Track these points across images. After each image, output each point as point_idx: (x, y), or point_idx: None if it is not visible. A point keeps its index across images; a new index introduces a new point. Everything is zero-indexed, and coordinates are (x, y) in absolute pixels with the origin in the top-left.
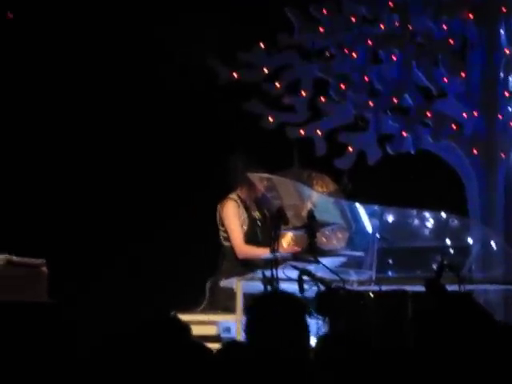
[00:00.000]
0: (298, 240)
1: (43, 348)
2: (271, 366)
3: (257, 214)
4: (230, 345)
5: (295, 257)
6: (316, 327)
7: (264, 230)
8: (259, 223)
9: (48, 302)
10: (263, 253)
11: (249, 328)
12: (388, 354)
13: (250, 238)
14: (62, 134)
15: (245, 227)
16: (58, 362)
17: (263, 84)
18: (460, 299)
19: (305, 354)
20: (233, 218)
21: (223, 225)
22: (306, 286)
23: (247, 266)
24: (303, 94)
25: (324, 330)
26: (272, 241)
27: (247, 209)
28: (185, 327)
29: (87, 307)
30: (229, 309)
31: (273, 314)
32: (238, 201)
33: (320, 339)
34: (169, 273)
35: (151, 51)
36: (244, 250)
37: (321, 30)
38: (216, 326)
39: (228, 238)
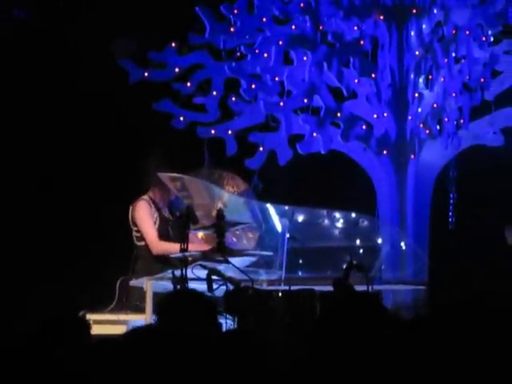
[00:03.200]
0: (207, 239)
1: None
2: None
3: (168, 215)
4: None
5: (205, 256)
6: (225, 326)
7: (175, 230)
8: (170, 223)
9: None
10: (178, 248)
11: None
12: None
13: (162, 237)
14: None
15: (156, 226)
16: None
17: (174, 83)
18: (365, 299)
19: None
20: (146, 216)
21: (136, 224)
22: (214, 286)
23: (162, 265)
24: (214, 93)
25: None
26: (181, 240)
27: (159, 209)
28: (85, 325)
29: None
30: (139, 308)
31: (182, 312)
32: (150, 201)
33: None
34: (80, 272)
35: (62, 50)
36: (159, 245)
37: (232, 29)
38: (126, 325)
39: (141, 238)
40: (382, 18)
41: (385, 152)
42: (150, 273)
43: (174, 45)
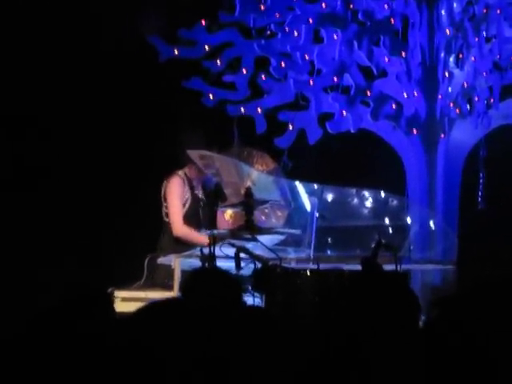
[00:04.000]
0: (236, 217)
1: None
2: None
3: (201, 194)
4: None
5: (233, 234)
6: (253, 304)
7: (206, 210)
8: (202, 203)
9: None
10: (199, 239)
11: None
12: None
13: (191, 217)
14: None
15: (187, 206)
16: None
17: (204, 61)
18: (392, 280)
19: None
20: (175, 195)
21: (166, 200)
22: (242, 264)
23: (185, 244)
24: (244, 71)
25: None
26: (209, 218)
27: (192, 188)
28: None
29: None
30: (167, 286)
31: (207, 290)
32: (184, 178)
33: None
34: (108, 248)
35: (91, 27)
36: (181, 230)
37: (262, 7)
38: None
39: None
40: None
41: (414, 131)
42: (176, 249)
43: (203, 22)
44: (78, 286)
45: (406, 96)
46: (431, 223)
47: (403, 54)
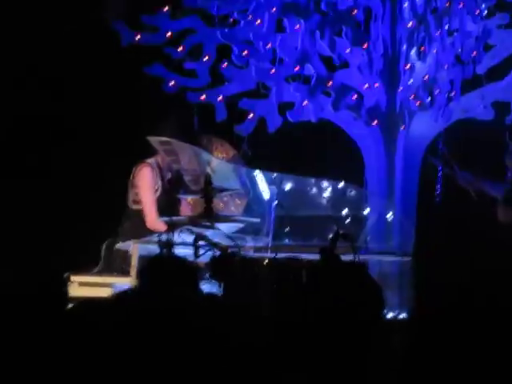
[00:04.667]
0: (195, 205)
1: None
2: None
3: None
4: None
5: (192, 221)
6: (210, 292)
7: (173, 198)
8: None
9: None
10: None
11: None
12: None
13: (162, 206)
14: None
15: (157, 195)
16: None
17: (166, 48)
18: (351, 269)
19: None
20: (147, 187)
21: (136, 187)
22: (201, 251)
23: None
24: (206, 58)
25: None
26: (169, 204)
27: (163, 178)
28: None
29: None
30: (124, 271)
31: (164, 277)
32: (155, 167)
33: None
34: (66, 233)
35: (53, 9)
36: (156, 224)
37: None
38: (111, 288)
39: (139, 202)
40: None
41: (375, 122)
42: (137, 236)
43: (166, 9)
44: (31, 271)
45: (367, 87)
46: (389, 214)
47: (365, 45)
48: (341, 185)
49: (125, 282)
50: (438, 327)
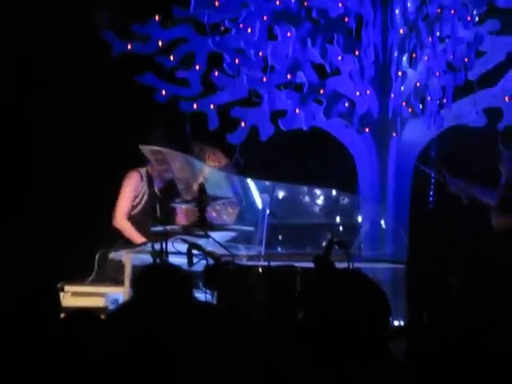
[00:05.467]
0: (188, 213)
1: None
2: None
3: (159, 190)
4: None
5: (185, 230)
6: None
7: (162, 205)
8: (159, 198)
9: None
10: (134, 237)
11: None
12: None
13: (148, 213)
14: None
15: (143, 201)
16: None
17: (157, 57)
18: (348, 276)
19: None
20: (128, 188)
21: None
22: (194, 260)
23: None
24: (197, 67)
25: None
26: (163, 213)
27: (150, 184)
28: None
29: None
30: (118, 281)
31: (158, 286)
32: (144, 174)
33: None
34: (60, 243)
35: (45, 17)
36: (121, 223)
37: (216, 3)
38: (104, 297)
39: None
40: None
41: (367, 130)
42: (130, 245)
43: (157, 18)
44: (24, 281)
45: (358, 94)
46: (382, 222)
47: (356, 52)
48: (334, 192)
49: (118, 292)
50: (431, 334)
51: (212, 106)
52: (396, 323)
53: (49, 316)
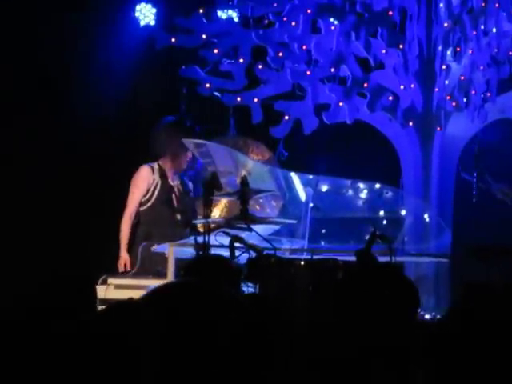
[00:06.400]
0: (231, 206)
1: None
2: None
3: (176, 184)
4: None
5: (228, 223)
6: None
7: (182, 200)
8: (177, 192)
9: None
10: (122, 242)
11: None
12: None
13: (161, 205)
14: None
15: (156, 193)
16: None
17: (201, 50)
18: (388, 271)
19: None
20: (136, 182)
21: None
22: (237, 253)
23: (163, 231)
24: (241, 61)
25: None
26: (204, 206)
27: (163, 176)
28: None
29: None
30: (160, 273)
31: (206, 277)
32: (155, 167)
33: None
34: (103, 236)
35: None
36: (122, 225)
37: None
38: (147, 290)
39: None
40: None
41: (410, 123)
42: (151, 238)
43: (201, 11)
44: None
45: (402, 88)
46: (426, 216)
47: (401, 46)
48: (377, 186)
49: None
50: (475, 329)
51: (256, 100)
52: (427, 316)
53: (86, 308)
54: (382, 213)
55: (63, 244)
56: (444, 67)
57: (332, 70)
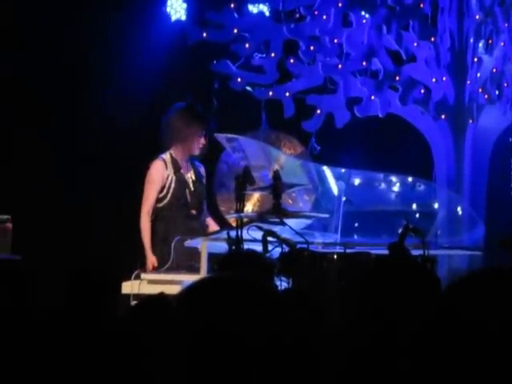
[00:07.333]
0: (263, 201)
1: (4, 302)
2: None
3: (190, 175)
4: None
5: (260, 217)
6: (280, 288)
7: (196, 191)
8: (191, 185)
9: (12, 258)
10: (146, 242)
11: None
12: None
13: (178, 198)
14: None
15: (172, 188)
16: (18, 318)
17: (232, 44)
18: (419, 265)
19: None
20: (152, 179)
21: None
22: (270, 247)
23: (183, 227)
24: (272, 55)
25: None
26: (237, 201)
27: (177, 169)
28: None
29: (52, 263)
30: (193, 268)
31: (240, 272)
32: (168, 160)
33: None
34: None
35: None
36: (142, 223)
37: None
38: (180, 285)
39: (159, 199)
40: None
41: (443, 116)
42: (169, 235)
43: (232, 5)
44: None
45: (434, 81)
46: (459, 209)
47: (432, 38)
48: (410, 179)
49: (194, 279)
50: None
51: (287, 94)
52: None
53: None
54: (414, 206)
55: (87, 243)
56: (476, 59)
57: (364, 63)
